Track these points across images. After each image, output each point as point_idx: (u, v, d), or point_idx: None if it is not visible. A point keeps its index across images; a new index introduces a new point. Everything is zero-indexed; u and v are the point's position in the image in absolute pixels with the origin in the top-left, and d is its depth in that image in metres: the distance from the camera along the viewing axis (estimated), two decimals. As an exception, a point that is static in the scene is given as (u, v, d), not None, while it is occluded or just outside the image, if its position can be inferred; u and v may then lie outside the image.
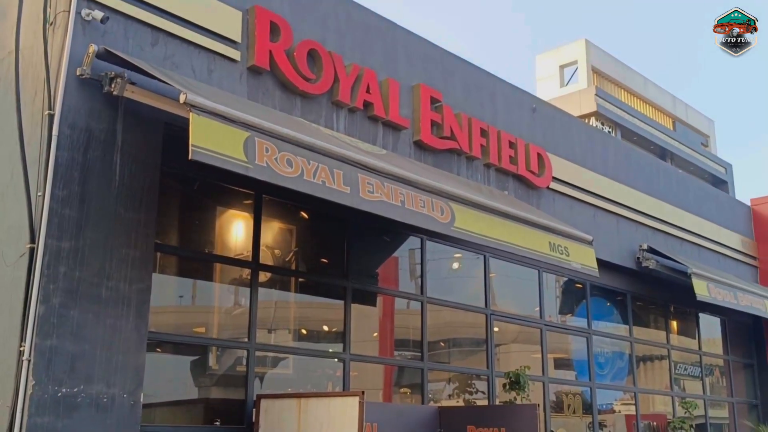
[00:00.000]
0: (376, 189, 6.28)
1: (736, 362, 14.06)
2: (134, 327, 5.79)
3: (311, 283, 8.21)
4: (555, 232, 8.27)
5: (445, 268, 9.74)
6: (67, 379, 5.35)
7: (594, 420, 10.71)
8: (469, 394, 9.60)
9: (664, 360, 12.53)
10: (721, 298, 11.24)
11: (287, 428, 6.33)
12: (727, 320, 13.82)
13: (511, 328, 10.42)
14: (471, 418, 7.55)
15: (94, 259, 5.64)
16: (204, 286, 7.61)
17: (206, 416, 7.15)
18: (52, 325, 5.34)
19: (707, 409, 12.97)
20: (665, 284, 11.94)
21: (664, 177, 12.65)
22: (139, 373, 5.80)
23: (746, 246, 14.09)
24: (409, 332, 8.99)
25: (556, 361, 10.87)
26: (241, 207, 7.55)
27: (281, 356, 7.87)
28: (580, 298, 11.25)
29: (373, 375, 8.70)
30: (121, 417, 5.61)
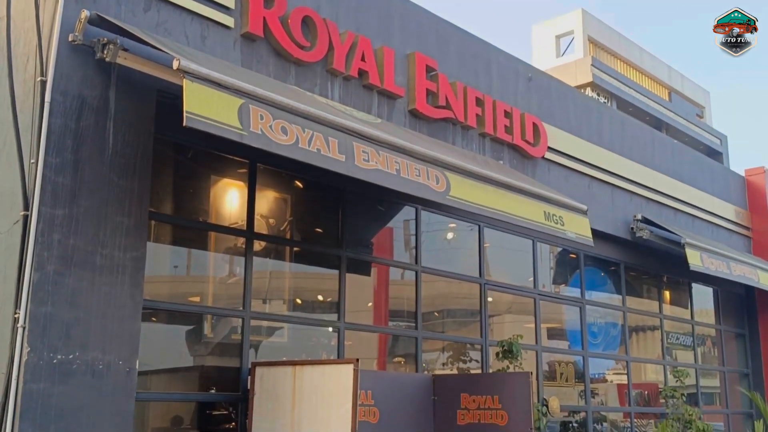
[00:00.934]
0: (372, 157, 6.26)
1: (728, 332, 14.17)
2: (129, 295, 5.80)
3: (306, 252, 8.21)
4: (550, 201, 8.28)
5: (439, 239, 9.76)
6: (62, 346, 5.36)
7: (586, 388, 10.81)
8: (462, 363, 9.66)
9: (657, 330, 12.62)
10: (714, 268, 11.30)
11: (282, 395, 6.37)
12: (720, 290, 13.91)
13: (505, 299, 10.47)
14: (464, 386, 7.61)
15: (88, 227, 5.63)
16: (198, 256, 7.62)
17: (202, 383, 7.20)
18: (47, 292, 5.34)
19: (699, 378, 13.09)
20: (659, 254, 11.99)
21: (659, 147, 12.65)
22: (134, 341, 5.81)
23: (740, 216, 14.14)
24: (404, 303, 9.03)
25: (549, 331, 10.94)
26: (235, 176, 7.52)
27: (276, 325, 7.90)
28: (574, 268, 11.29)
29: (367, 344, 8.75)
30: (117, 384, 5.63)
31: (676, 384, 11.19)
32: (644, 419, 11.61)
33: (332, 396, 6.09)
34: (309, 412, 6.18)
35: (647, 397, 12.36)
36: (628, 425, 11.55)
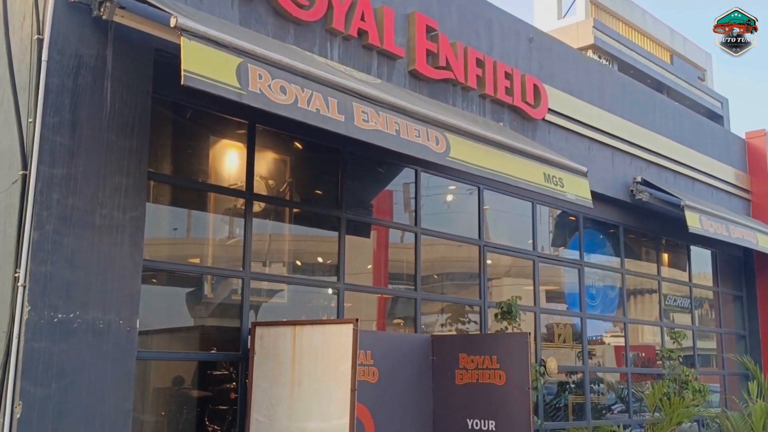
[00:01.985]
0: (371, 118, 6.23)
1: (726, 294, 14.24)
2: (129, 254, 5.81)
3: (305, 213, 8.21)
4: (550, 163, 8.26)
5: (439, 203, 9.76)
6: (63, 305, 5.39)
7: (584, 349, 10.89)
8: (461, 324, 9.72)
9: (655, 293, 12.68)
10: (713, 230, 11.31)
11: (282, 354, 6.41)
12: (719, 253, 13.95)
13: (504, 262, 10.49)
14: (463, 346, 7.67)
15: (86, 187, 5.61)
16: (198, 217, 7.61)
17: (202, 343, 7.26)
18: (47, 251, 5.35)
19: (695, 340, 13.18)
20: (658, 217, 12.00)
21: (660, 109, 12.58)
22: (134, 300, 5.84)
23: (740, 179, 14.12)
24: (403, 266, 9.05)
25: (547, 293, 10.99)
26: (234, 136, 7.49)
27: (276, 288, 7.93)
28: (573, 231, 11.31)
29: (367, 307, 8.79)
30: (118, 342, 5.67)
31: (673, 346, 11.27)
32: (641, 380, 11.71)
33: (332, 355, 6.14)
34: (309, 371, 6.24)
35: (644, 359, 12.47)
36: (625, 386, 11.66)
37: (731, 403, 12.38)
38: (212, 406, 7.52)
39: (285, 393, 6.32)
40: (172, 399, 7.26)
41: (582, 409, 10.70)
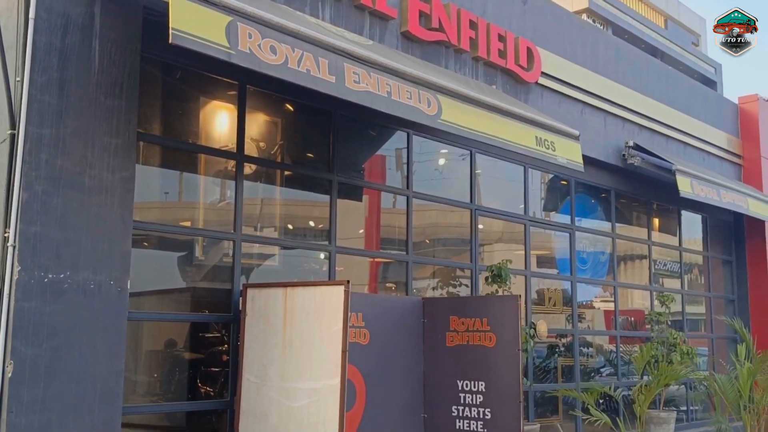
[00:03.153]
0: (362, 79, 6.19)
1: (716, 259, 14.33)
2: (119, 215, 5.78)
3: (297, 176, 8.18)
4: (542, 126, 8.24)
5: (431, 169, 9.73)
6: (53, 265, 5.38)
7: (573, 313, 10.96)
8: (452, 288, 9.76)
9: (645, 259, 12.74)
10: (704, 195, 11.34)
11: (273, 316, 6.43)
12: (709, 217, 14.00)
13: (496, 228, 10.51)
14: (454, 309, 7.71)
15: (75, 147, 5.57)
16: (189, 180, 7.57)
17: (194, 305, 7.27)
18: (36, 212, 5.32)
19: (684, 305, 13.29)
20: (649, 181, 12.02)
21: (653, 73, 12.53)
22: (125, 261, 5.83)
23: (731, 144, 14.12)
24: (395, 231, 9.05)
25: (538, 258, 11.03)
26: (224, 98, 7.43)
27: (268, 252, 7.92)
28: (565, 195, 11.32)
29: (358, 271, 8.80)
30: (109, 303, 5.67)
31: (662, 310, 11.36)
32: (630, 344, 11.82)
33: (323, 317, 6.16)
34: (300, 332, 6.26)
35: (633, 323, 12.57)
36: (614, 350, 11.77)
37: (719, 365, 12.52)
38: (204, 368, 7.56)
39: (276, 354, 6.35)
40: (165, 361, 7.29)
41: (571, 372, 10.81)
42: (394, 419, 7.34)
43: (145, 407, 6.85)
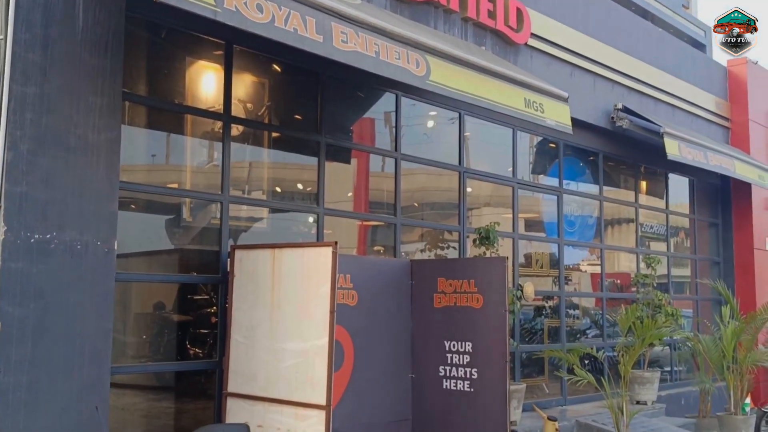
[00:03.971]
0: (350, 39, 6.13)
1: (702, 221, 14.42)
2: (105, 176, 5.75)
3: (284, 138, 8.14)
4: (531, 88, 8.21)
5: (420, 133, 9.70)
6: (40, 225, 5.35)
7: (560, 275, 11.04)
8: (440, 250, 9.79)
9: (632, 223, 12.81)
10: (692, 157, 11.37)
11: (262, 277, 6.44)
12: (696, 180, 14.06)
13: (484, 192, 10.52)
14: (441, 271, 7.74)
15: (60, 106, 5.51)
16: (175, 141, 7.52)
17: (182, 266, 7.27)
18: (21, 171, 5.28)
19: (670, 268, 13.39)
20: (637, 144, 12.03)
21: (643, 36, 12.47)
22: (111, 222, 5.81)
23: (720, 107, 14.13)
24: (383, 195, 9.04)
25: (526, 222, 11.06)
26: (211, 58, 7.35)
27: (256, 215, 7.91)
28: (553, 158, 11.32)
29: (347, 235, 8.80)
30: (96, 264, 5.66)
31: (648, 272, 11.45)
32: (616, 306, 11.93)
33: (311, 278, 6.17)
34: (288, 293, 6.28)
35: (620, 286, 12.68)
36: (600, 312, 11.88)
37: (703, 326, 12.68)
38: (193, 330, 7.60)
39: (265, 315, 6.37)
40: (154, 323, 7.32)
41: (557, 333, 10.92)
42: (382, 379, 7.41)
43: (134, 367, 6.89)
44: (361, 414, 7.04)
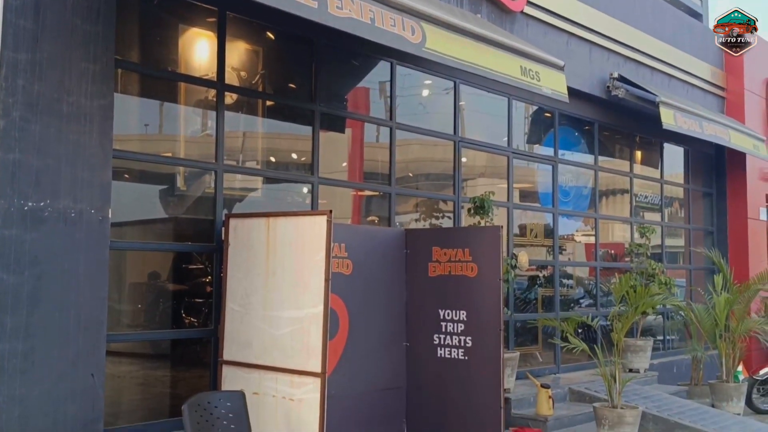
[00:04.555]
0: (345, 5, 6.06)
1: (696, 191, 14.44)
2: (98, 143, 5.72)
3: (278, 106, 8.08)
4: (527, 56, 8.16)
5: (415, 103, 9.64)
6: (33, 193, 5.33)
7: (554, 245, 11.07)
8: (435, 220, 9.80)
9: (626, 193, 12.81)
10: (687, 127, 11.35)
11: (256, 245, 6.44)
12: (691, 150, 14.05)
13: (479, 162, 10.50)
14: (436, 240, 7.75)
15: (52, 73, 5.47)
16: (169, 110, 7.46)
17: (176, 234, 7.25)
18: (14, 138, 5.25)
19: (664, 238, 13.43)
20: (633, 113, 12.00)
21: (640, 4, 12.37)
22: (105, 190, 5.79)
23: (715, 77, 14.07)
24: (378, 165, 9.02)
25: (521, 192, 11.06)
26: (204, 25, 7.28)
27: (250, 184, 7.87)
28: (548, 128, 11.29)
29: (342, 205, 8.80)
30: (90, 232, 5.65)
31: (642, 242, 11.48)
32: (609, 276, 11.98)
33: (306, 247, 6.17)
34: (283, 261, 6.28)
35: (614, 256, 12.72)
36: (594, 281, 11.93)
37: (696, 295, 12.76)
38: (188, 299, 7.59)
39: (260, 283, 6.38)
40: (149, 293, 7.31)
41: (551, 303, 10.97)
42: (377, 348, 7.44)
43: (130, 335, 6.90)
44: (356, 381, 7.08)
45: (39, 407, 5.35)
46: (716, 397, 10.25)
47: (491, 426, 7.09)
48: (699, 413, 9.40)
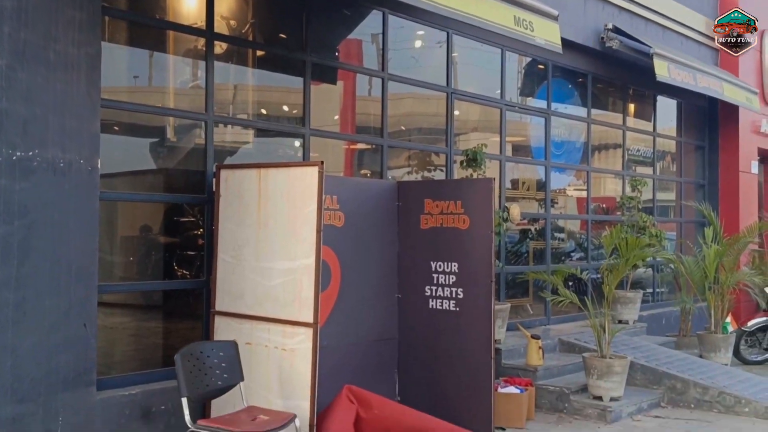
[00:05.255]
0: (336, -49, 5.95)
1: (688, 144, 14.43)
2: (86, 92, 5.64)
3: (269, 56, 7.97)
4: (520, 5, 8.06)
5: (408, 57, 9.52)
6: (21, 142, 5.27)
7: (546, 197, 11.07)
8: (427, 173, 9.77)
9: (619, 148, 12.78)
10: (680, 79, 11.29)
11: (248, 197, 6.41)
12: (684, 103, 14.00)
13: (472, 117, 10.43)
14: (428, 192, 7.73)
15: (38, 20, 5.36)
16: (158, 61, 7.35)
17: (167, 186, 7.21)
18: (1, 87, 5.16)
19: (655, 191, 13.45)
20: (627, 65, 11.91)
21: (635, -47, 12.20)
22: (94, 140, 5.73)
23: (710, 28, 13.92)
24: (370, 119, 8.95)
25: (514, 146, 11.02)
26: (192, -28, 7.14)
27: (241, 137, 7.80)
28: (542, 80, 11.21)
29: (334, 159, 8.74)
30: (80, 182, 5.61)
31: (633, 194, 11.51)
32: (601, 230, 12.02)
33: (297, 198, 6.14)
34: (274, 213, 6.26)
35: (605, 210, 12.75)
36: (585, 235, 11.97)
37: (686, 248, 12.83)
38: (180, 251, 7.59)
39: (251, 234, 6.37)
40: (140, 245, 7.29)
41: (542, 255, 11.02)
42: (369, 299, 7.47)
43: (121, 286, 6.91)
44: (348, 332, 7.13)
45: (32, 357, 5.36)
46: (704, 348, 10.38)
47: (482, 376, 7.17)
48: (687, 363, 9.53)
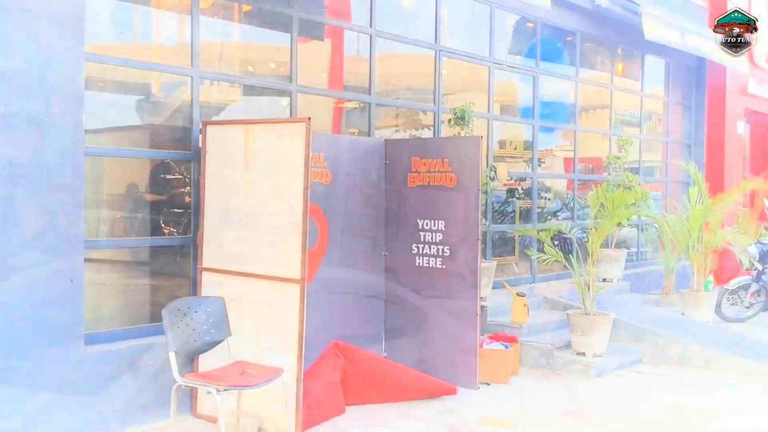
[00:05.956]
0: None
1: (676, 104, 14.44)
2: (70, 46, 5.57)
3: (255, 12, 7.87)
4: (509, -39, 7.98)
5: (396, 11, 9.42)
6: (4, 96, 5.20)
7: (534, 157, 11.09)
8: (415, 131, 9.75)
9: (607, 109, 12.77)
10: (669, 38, 11.27)
11: (234, 153, 6.39)
12: (672, 62, 13.97)
13: (460, 77, 10.37)
14: (416, 150, 7.74)
15: (19, -29, 5.28)
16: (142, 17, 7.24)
17: (153, 142, 7.17)
18: (-19, 40, 5.11)
19: (642, 152, 13.49)
20: (616, 24, 11.85)
21: None
22: (78, 95, 5.67)
23: (699, -14, 13.90)
24: (358, 78, 8.88)
25: (502, 107, 10.99)
26: (177, -76, 7.02)
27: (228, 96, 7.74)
28: (531, 38, 11.14)
29: (322, 117, 8.69)
30: (64, 137, 5.56)
31: (620, 154, 11.53)
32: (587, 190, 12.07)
33: (284, 155, 6.12)
34: (262, 169, 6.25)
35: (592, 170, 12.79)
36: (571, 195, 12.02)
37: (671, 207, 12.92)
38: (167, 209, 7.57)
39: (238, 191, 6.36)
40: (128, 203, 7.26)
41: (529, 215, 11.07)
42: (356, 257, 7.52)
43: (108, 242, 6.89)
44: (335, 289, 7.18)
45: (20, 312, 5.38)
46: (687, 306, 10.50)
47: (468, 332, 7.26)
48: (669, 320, 9.66)
